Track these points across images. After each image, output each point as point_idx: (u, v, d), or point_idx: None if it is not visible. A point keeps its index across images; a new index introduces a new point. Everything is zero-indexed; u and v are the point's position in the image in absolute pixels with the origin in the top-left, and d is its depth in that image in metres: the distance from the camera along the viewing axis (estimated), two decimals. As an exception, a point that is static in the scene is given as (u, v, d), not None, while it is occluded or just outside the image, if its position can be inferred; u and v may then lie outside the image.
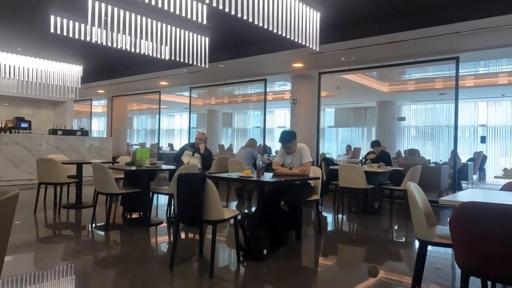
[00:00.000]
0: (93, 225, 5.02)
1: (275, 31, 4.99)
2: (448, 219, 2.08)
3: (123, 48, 6.24)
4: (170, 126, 18.83)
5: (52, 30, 6.02)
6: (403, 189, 5.93)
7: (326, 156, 9.74)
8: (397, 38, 6.28)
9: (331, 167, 6.71)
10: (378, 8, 5.77)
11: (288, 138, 4.31)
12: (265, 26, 4.83)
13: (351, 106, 15.13)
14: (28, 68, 8.95)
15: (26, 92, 9.56)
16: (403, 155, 10.53)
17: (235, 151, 13.94)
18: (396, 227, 5.78)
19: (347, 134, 16.11)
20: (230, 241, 4.30)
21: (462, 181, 8.94)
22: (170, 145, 16.29)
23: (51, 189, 5.92)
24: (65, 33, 6.11)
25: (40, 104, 11.83)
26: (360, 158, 10.02)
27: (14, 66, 8.75)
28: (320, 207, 5.72)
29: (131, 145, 15.39)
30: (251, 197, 7.16)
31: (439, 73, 10.12)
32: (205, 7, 5.19)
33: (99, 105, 17.05)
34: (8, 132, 9.24)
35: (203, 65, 6.90)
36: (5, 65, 8.58)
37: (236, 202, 7.21)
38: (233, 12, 4.42)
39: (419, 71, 10.20)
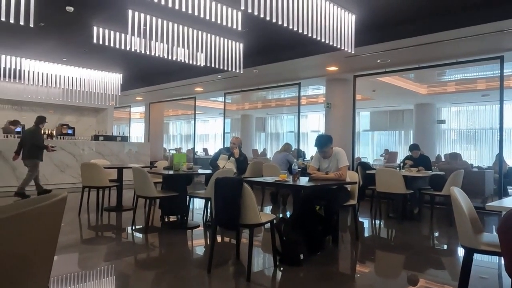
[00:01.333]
0: (133, 227, 5.19)
1: (309, 35, 4.99)
2: (494, 226, 1.99)
3: (161, 56, 6.44)
4: (205, 131, 19.14)
5: (94, 41, 6.32)
6: (445, 194, 5.71)
7: (362, 160, 9.55)
8: (436, 39, 6.08)
9: (367, 171, 6.58)
10: (415, 8, 5.62)
11: (324, 142, 4.28)
12: (300, 30, 4.83)
13: (387, 109, 14.77)
14: (72, 77, 9.42)
15: (70, 100, 10.07)
16: (443, 159, 10.15)
17: (268, 156, 13.96)
18: (437, 234, 5.57)
19: (383, 138, 15.72)
20: (266, 245, 4.30)
21: (508, 186, 8.48)
22: (205, 150, 16.55)
23: (93, 192, 6.18)
24: (106, 43, 6.39)
25: (83, 111, 12.41)
26: (398, 162, 9.74)
27: (60, 75, 9.24)
28: (356, 212, 5.62)
29: (168, 150, 15.77)
30: (286, 201, 7.14)
31: (482, 73, 9.68)
32: (240, 13, 5.27)
33: (137, 111, 17.63)
34: (54, 138, 9.75)
35: (237, 71, 7.00)
36: (51, 75, 9.07)
37: (271, 206, 7.21)
38: (268, 18, 4.45)
39: (460, 71, 9.81)
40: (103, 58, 8.57)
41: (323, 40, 5.20)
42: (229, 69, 6.95)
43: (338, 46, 5.48)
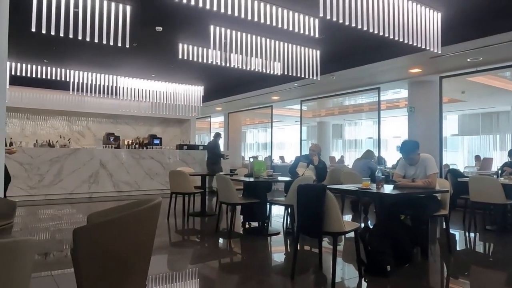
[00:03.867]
0: (217, 232, 5.40)
1: (391, 37, 4.81)
2: None
3: (239, 67, 6.68)
4: (281, 139, 19.29)
5: (180, 57, 6.78)
6: (554, 205, 5.05)
7: (451, 167, 8.85)
8: (538, 31, 5.46)
9: (459, 179, 6.08)
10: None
11: (410, 148, 4.07)
12: (380, 33, 4.68)
13: (479, 111, 13.52)
14: (159, 91, 10.21)
15: (158, 112, 10.90)
16: (550, 166, 8.97)
17: (346, 163, 13.61)
18: (546, 250, 4.93)
19: (475, 143, 14.39)
20: (348, 255, 4.20)
21: None
22: (281, 158, 16.66)
23: (179, 198, 6.56)
24: (190, 58, 6.83)
25: (168, 123, 13.32)
26: (495, 169, 8.83)
27: (149, 90, 10.07)
28: (448, 223, 5.22)
29: (249, 158, 16.17)
30: (368, 210, 6.89)
31: None
32: (317, 20, 5.27)
33: (216, 121, 18.43)
34: (144, 148, 10.62)
35: (314, 78, 6.98)
36: (142, 90, 9.93)
37: (351, 215, 7.01)
38: (347, 23, 4.39)
39: None
40: (187, 72, 9.15)
41: (405, 41, 4.98)
42: (306, 77, 6.97)
43: (423, 47, 5.20)
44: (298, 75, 6.89)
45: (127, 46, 5.22)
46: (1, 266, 1.42)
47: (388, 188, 3.85)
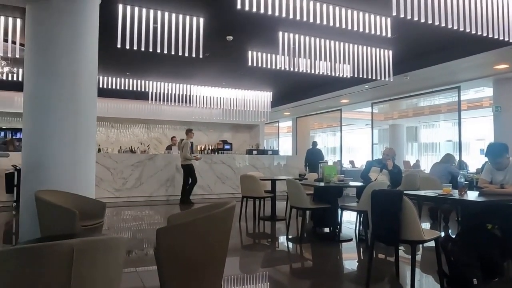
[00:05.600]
0: (287, 237, 5.41)
1: (472, 31, 4.47)
2: None
3: (308, 71, 6.66)
4: (351, 143, 18.76)
5: (249, 64, 6.96)
6: None
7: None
8: None
9: (557, 186, 5.41)
10: None
11: (498, 151, 3.73)
12: (460, 28, 4.38)
13: None
14: (229, 98, 10.56)
15: (228, 118, 11.27)
16: None
17: (422, 168, 12.82)
18: None
19: None
20: (426, 265, 3.95)
21: None
22: (351, 162, 16.19)
23: (250, 202, 6.70)
24: (259, 65, 6.97)
25: (238, 128, 13.69)
26: None
27: (219, 97, 10.47)
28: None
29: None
30: (448, 218, 6.42)
31: None
32: (389, 20, 5.09)
33: (284, 126, 18.51)
34: (216, 153, 11.03)
35: (387, 79, 6.72)
36: (213, 97, 10.35)
37: (429, 223, 6.58)
38: (422, 20, 4.17)
39: None
40: (256, 78, 9.35)
41: (489, 35, 4.59)
42: (377, 78, 6.74)
43: (510, 40, 4.75)
44: (369, 76, 6.69)
45: (200, 56, 5.49)
46: (99, 260, 1.58)
47: (472, 195, 3.57)
